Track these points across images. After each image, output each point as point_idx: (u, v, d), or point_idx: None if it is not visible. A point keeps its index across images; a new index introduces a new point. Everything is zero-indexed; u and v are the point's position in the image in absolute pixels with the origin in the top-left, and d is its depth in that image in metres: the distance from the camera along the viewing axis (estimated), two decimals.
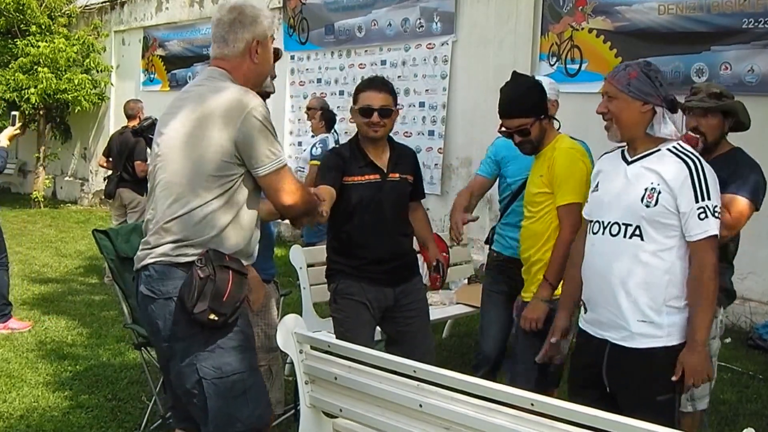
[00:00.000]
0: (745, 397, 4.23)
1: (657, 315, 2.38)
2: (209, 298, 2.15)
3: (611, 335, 2.46)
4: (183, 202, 2.23)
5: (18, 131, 5.78)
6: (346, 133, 8.58)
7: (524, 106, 2.98)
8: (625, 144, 2.55)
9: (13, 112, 6.08)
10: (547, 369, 2.96)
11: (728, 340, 5.21)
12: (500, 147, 3.53)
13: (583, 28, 6.71)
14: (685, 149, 2.41)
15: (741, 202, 2.88)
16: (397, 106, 3.25)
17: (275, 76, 2.51)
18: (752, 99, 5.54)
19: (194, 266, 2.17)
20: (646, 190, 2.37)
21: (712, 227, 2.33)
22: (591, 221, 2.55)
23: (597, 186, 2.59)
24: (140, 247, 2.35)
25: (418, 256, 5.10)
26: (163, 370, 2.50)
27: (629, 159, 2.49)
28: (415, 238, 3.51)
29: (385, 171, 3.20)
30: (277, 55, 3.11)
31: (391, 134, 3.29)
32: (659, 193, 2.35)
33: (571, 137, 3.16)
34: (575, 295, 2.65)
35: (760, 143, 3.16)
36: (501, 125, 3.05)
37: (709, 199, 2.33)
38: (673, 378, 2.36)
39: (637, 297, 2.39)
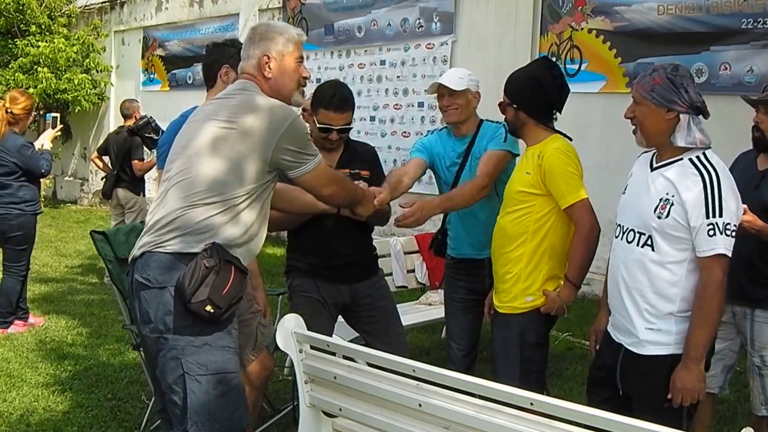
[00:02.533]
0: (743, 396, 4.22)
1: (665, 323, 2.37)
2: (210, 289, 2.15)
3: (625, 340, 2.48)
4: (197, 201, 2.25)
5: (59, 133, 5.88)
6: None
7: (508, 86, 2.98)
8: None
9: (53, 114, 6.13)
10: (530, 375, 2.90)
11: None
12: (433, 141, 3.43)
13: (582, 29, 6.71)
14: (708, 160, 2.34)
15: None
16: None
17: (303, 86, 2.57)
18: None
19: (200, 255, 2.18)
20: (660, 200, 2.35)
21: (719, 245, 2.26)
22: (616, 224, 2.54)
23: (626, 188, 2.57)
24: (140, 238, 2.34)
25: (416, 255, 5.14)
26: (149, 366, 2.45)
27: (654, 165, 2.45)
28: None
29: (334, 167, 3.15)
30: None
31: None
32: (672, 205, 2.31)
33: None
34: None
35: None
36: None
37: (720, 216, 2.25)
38: (669, 396, 2.34)
39: (644, 306, 2.40)
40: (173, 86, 11.51)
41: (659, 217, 2.33)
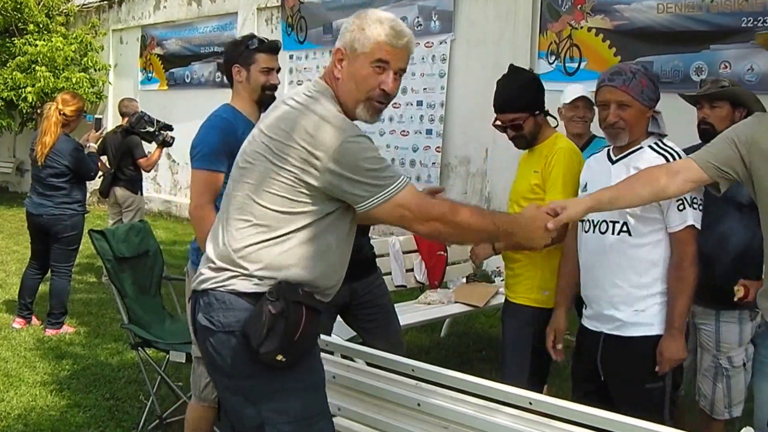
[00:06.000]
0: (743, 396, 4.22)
1: (649, 306, 2.47)
2: (279, 338, 1.89)
3: (606, 327, 2.54)
4: (258, 230, 1.98)
5: (102, 135, 6.01)
6: None
7: (518, 101, 2.93)
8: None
9: (97, 116, 6.20)
10: (538, 368, 2.93)
11: None
12: None
13: (582, 27, 6.70)
14: (665, 146, 2.51)
15: None
16: None
17: (380, 103, 2.14)
18: None
19: (265, 300, 1.92)
20: None
21: (689, 218, 2.41)
22: (582, 220, 2.60)
23: (585, 186, 2.65)
24: (202, 264, 2.10)
25: (415, 254, 5.13)
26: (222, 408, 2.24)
27: (614, 158, 2.58)
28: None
29: None
30: (277, 47, 3.09)
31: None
32: None
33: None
34: (569, 291, 2.74)
35: None
36: (495, 119, 3.02)
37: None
38: (657, 369, 2.45)
39: (628, 289, 2.48)
40: (171, 85, 11.49)
41: None
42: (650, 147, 2.51)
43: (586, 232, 2.59)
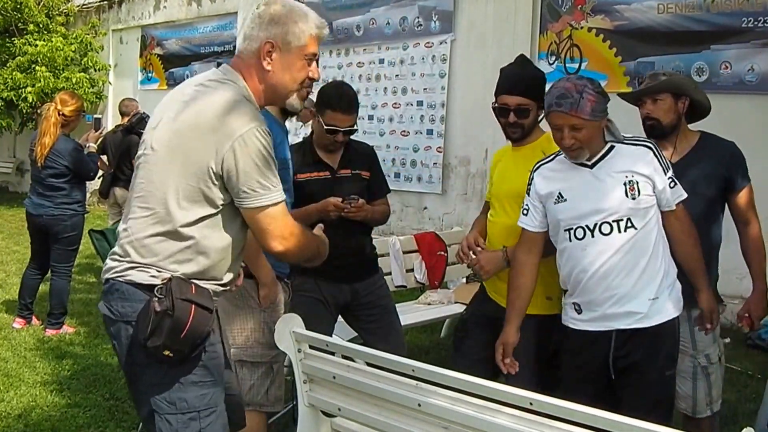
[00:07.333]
0: (744, 396, 4.22)
1: (662, 291, 2.53)
2: (164, 334, 1.91)
3: (621, 323, 2.52)
4: (157, 220, 2.00)
5: (102, 135, 6.02)
6: None
7: (531, 87, 2.84)
8: (557, 153, 2.65)
9: (96, 116, 6.20)
10: (545, 382, 2.79)
11: (727, 340, 5.17)
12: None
13: (582, 27, 6.71)
14: (634, 137, 2.61)
15: (750, 190, 2.94)
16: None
17: (307, 88, 2.21)
18: (752, 98, 5.54)
19: (153, 295, 1.94)
20: (625, 185, 2.50)
21: (682, 190, 2.59)
22: (568, 229, 2.56)
23: (561, 196, 2.59)
24: (109, 255, 2.12)
25: (415, 254, 5.13)
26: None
27: (590, 163, 2.57)
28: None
29: (335, 168, 3.22)
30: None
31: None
32: (637, 183, 2.50)
33: None
34: (524, 306, 2.69)
35: (761, 142, 3.12)
36: (497, 101, 2.89)
37: (670, 169, 2.57)
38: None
39: (643, 281, 2.50)
40: (171, 85, 11.48)
41: (633, 198, 2.49)
42: (622, 144, 2.57)
43: (579, 239, 2.53)
